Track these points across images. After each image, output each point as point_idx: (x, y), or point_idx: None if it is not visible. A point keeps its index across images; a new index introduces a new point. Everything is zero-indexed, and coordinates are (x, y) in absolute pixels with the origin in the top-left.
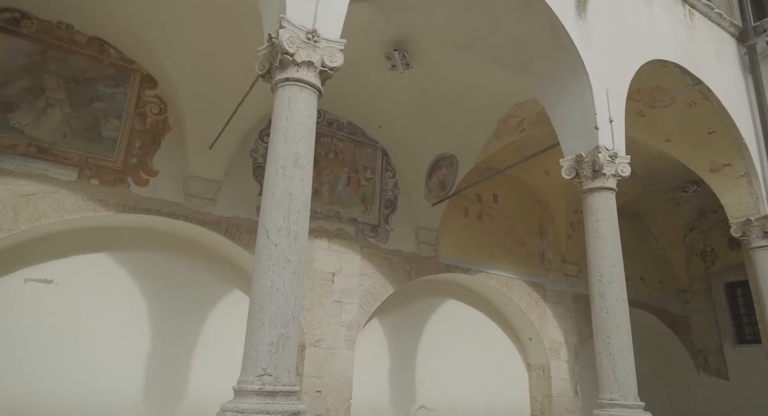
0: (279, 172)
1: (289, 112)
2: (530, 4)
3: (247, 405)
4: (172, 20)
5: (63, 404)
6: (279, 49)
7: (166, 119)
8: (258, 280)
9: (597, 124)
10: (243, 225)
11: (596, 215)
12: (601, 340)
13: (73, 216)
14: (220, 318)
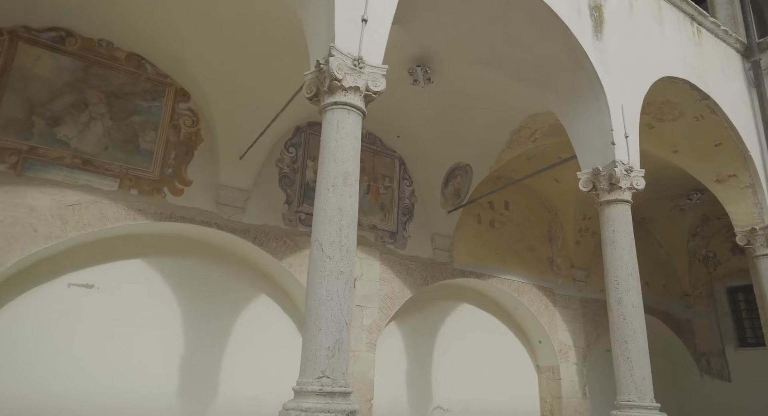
0: (330, 189)
1: (338, 134)
2: (550, 24)
3: (310, 405)
4: (205, 36)
5: (103, 403)
6: (327, 74)
7: (198, 131)
8: (314, 290)
9: (614, 139)
10: (270, 233)
11: (612, 226)
12: (618, 345)
13: (114, 224)
14: (248, 322)
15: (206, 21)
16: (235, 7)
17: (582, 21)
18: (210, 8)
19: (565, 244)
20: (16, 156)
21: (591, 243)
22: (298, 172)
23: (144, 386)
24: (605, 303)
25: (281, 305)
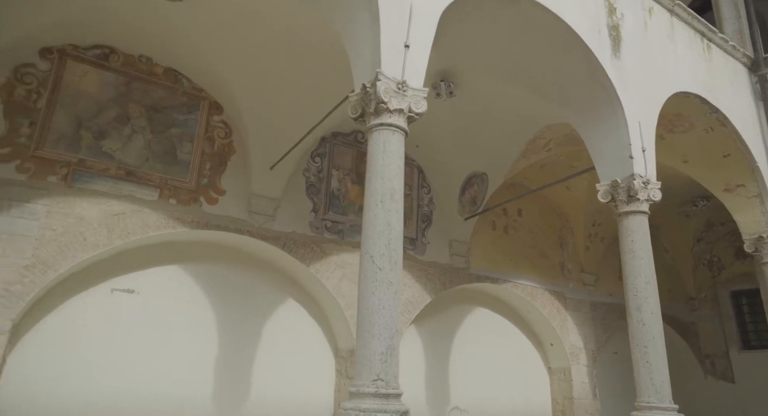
0: (378, 205)
1: (384, 153)
2: (571, 44)
3: (367, 405)
4: (239, 53)
5: (143, 402)
6: (374, 97)
7: (231, 142)
8: (365, 299)
9: (632, 153)
10: (299, 240)
11: (631, 236)
12: (638, 350)
13: (155, 232)
14: (276, 325)
15: (240, 39)
16: (269, 27)
17: (601, 40)
18: (244, 27)
19: (575, 250)
20: (66, 168)
21: (600, 249)
22: (323, 181)
23: (180, 387)
24: (614, 307)
25: (307, 309)
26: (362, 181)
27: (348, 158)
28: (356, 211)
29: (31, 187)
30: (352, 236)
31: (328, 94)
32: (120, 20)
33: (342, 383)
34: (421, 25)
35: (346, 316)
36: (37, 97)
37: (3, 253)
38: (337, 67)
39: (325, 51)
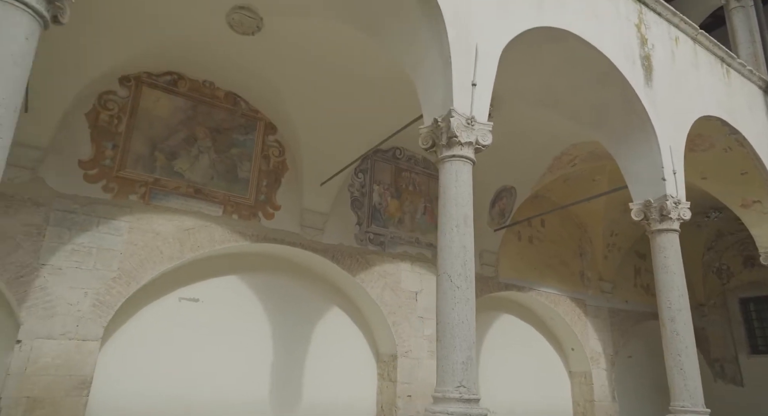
0: (454, 230)
1: (457, 182)
2: (609, 74)
3: (454, 409)
4: (296, 79)
5: (208, 403)
6: (445, 131)
7: (284, 160)
8: (445, 315)
9: (664, 175)
10: (345, 251)
11: (664, 253)
12: (672, 358)
13: (221, 246)
14: (323, 331)
15: (298, 67)
16: (327, 59)
17: (635, 71)
18: (303, 58)
19: (594, 259)
20: (144, 187)
21: (617, 258)
22: (366, 195)
23: (240, 389)
24: (630, 314)
25: (350, 316)
26: (400, 195)
27: (387, 173)
28: (396, 224)
29: (115, 205)
30: (392, 247)
31: (375, 119)
32: (188, 49)
33: (384, 386)
34: (485, 65)
35: (388, 323)
36: (118, 122)
37: (94, 266)
38: (384, 97)
39: (376, 83)
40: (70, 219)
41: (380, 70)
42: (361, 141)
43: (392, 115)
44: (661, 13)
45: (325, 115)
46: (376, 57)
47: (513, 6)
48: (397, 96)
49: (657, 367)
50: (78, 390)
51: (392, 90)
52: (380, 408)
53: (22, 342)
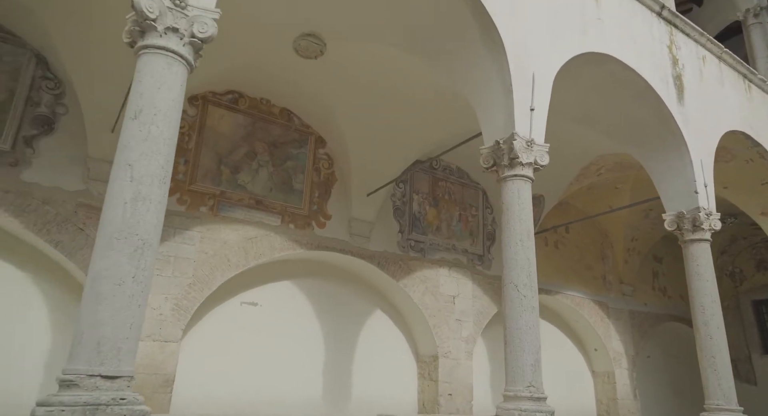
0: (519, 243)
1: (519, 200)
2: (643, 94)
3: (527, 406)
4: (347, 96)
5: (269, 399)
6: (507, 152)
7: (333, 172)
8: (514, 321)
9: (696, 189)
10: (389, 258)
11: (696, 261)
12: (706, 359)
13: (280, 254)
14: (368, 333)
15: (351, 87)
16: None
17: (669, 90)
18: (356, 79)
19: (615, 263)
20: (213, 199)
21: (637, 262)
22: (406, 204)
23: (297, 386)
24: (648, 316)
25: (392, 318)
26: (437, 204)
27: (425, 183)
28: (434, 231)
29: (188, 217)
30: (431, 254)
31: (418, 134)
32: (250, 69)
33: (425, 385)
34: (541, 91)
35: (429, 326)
36: (188, 139)
37: (172, 274)
38: (427, 114)
39: (420, 100)
40: None
41: (426, 89)
42: (405, 154)
43: (435, 130)
44: (690, 34)
45: (373, 130)
46: (424, 77)
47: (562, 35)
48: (440, 112)
49: (674, 367)
50: (163, 387)
51: (435, 107)
52: (422, 405)
53: None
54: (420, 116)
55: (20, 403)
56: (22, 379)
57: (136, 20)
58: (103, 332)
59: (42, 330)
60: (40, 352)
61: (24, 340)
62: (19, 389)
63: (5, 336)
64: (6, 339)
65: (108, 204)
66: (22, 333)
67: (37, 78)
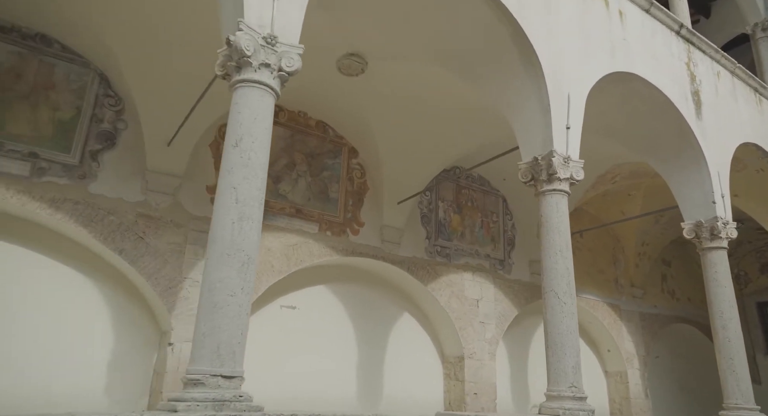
0: (558, 254)
1: (557, 213)
2: (664, 109)
3: (570, 405)
4: (381, 111)
5: (308, 398)
6: (545, 168)
7: (365, 181)
8: (555, 326)
9: (714, 199)
10: (418, 263)
11: (715, 268)
12: (725, 361)
13: (318, 260)
14: (397, 335)
15: (385, 103)
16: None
17: (688, 106)
18: (392, 92)
19: (626, 266)
20: None
21: (647, 266)
22: (433, 211)
23: (333, 386)
24: (658, 317)
25: (418, 321)
26: (461, 211)
27: (450, 191)
28: (458, 237)
29: None
30: (456, 259)
31: (447, 144)
32: (289, 84)
33: (451, 384)
34: (575, 110)
35: (456, 328)
36: None
37: None
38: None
39: (451, 113)
40: (203, 238)
41: (456, 102)
42: (434, 164)
43: (464, 141)
44: (705, 51)
45: (405, 141)
46: (455, 91)
47: (593, 56)
48: (469, 124)
49: (682, 366)
50: None
51: (465, 119)
52: (448, 404)
53: (173, 344)
54: (450, 128)
55: (87, 400)
56: (88, 377)
57: (230, 55)
58: (221, 337)
59: (105, 331)
60: (103, 352)
61: (90, 341)
62: (85, 387)
63: (74, 337)
64: (74, 340)
65: (216, 223)
66: (88, 335)
67: (100, 96)
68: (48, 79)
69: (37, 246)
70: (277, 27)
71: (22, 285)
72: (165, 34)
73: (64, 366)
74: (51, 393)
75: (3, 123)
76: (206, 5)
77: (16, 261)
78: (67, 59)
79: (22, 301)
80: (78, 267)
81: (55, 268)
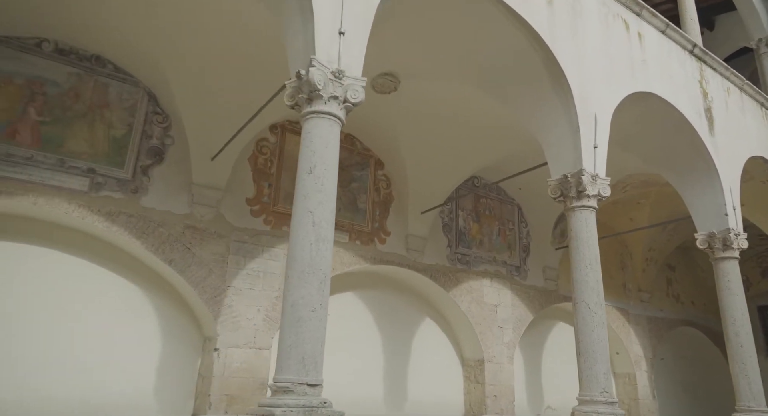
0: (588, 267)
1: (587, 227)
2: (679, 125)
3: (603, 410)
4: (409, 124)
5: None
6: (576, 186)
7: (391, 192)
8: (586, 335)
9: (726, 211)
10: (440, 270)
11: (727, 277)
12: (738, 365)
13: (349, 268)
14: (419, 339)
15: (414, 116)
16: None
17: (701, 121)
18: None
19: (634, 271)
20: None
21: (654, 271)
22: (453, 220)
23: (361, 388)
24: (664, 321)
25: (439, 326)
26: (479, 219)
27: (469, 201)
28: (477, 245)
29: (273, 236)
30: (476, 266)
31: (470, 157)
32: None
33: (471, 387)
34: (602, 129)
35: (476, 332)
36: (270, 164)
37: (262, 288)
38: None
39: (477, 128)
40: (244, 249)
41: (482, 116)
42: (457, 175)
43: (487, 153)
44: (716, 69)
45: (430, 154)
46: (482, 106)
47: (616, 77)
48: (493, 137)
49: (686, 368)
50: (260, 389)
51: (489, 132)
52: (468, 406)
53: (219, 350)
54: (473, 141)
55: (138, 401)
56: (139, 380)
57: (299, 88)
58: (306, 349)
59: (153, 337)
60: (152, 356)
61: (140, 346)
62: (136, 389)
63: (125, 343)
64: (125, 346)
65: (295, 244)
66: (138, 340)
67: (149, 113)
68: (103, 98)
69: (93, 257)
70: (344, 62)
71: (82, 295)
72: (214, 56)
73: (117, 370)
74: (105, 395)
75: (64, 141)
76: (253, 30)
77: (76, 272)
78: (120, 79)
79: (81, 309)
80: (128, 276)
81: (108, 277)
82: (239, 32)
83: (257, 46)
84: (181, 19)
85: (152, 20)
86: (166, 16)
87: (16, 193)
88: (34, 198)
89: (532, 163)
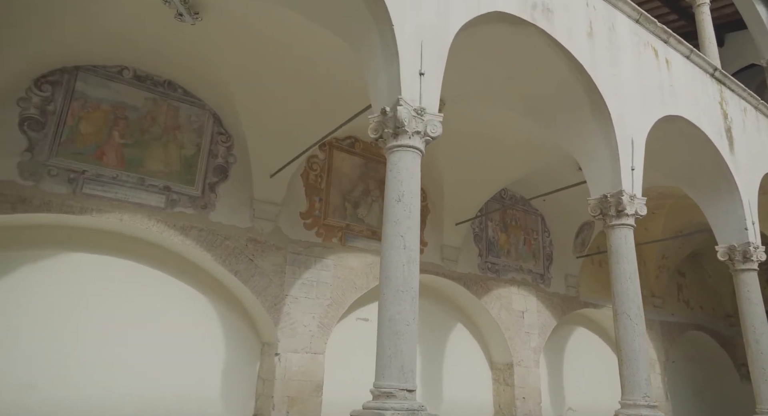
0: (628, 280)
1: (626, 243)
2: (703, 144)
3: (645, 413)
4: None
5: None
6: (615, 205)
7: (426, 205)
8: (628, 344)
9: (746, 225)
10: (472, 278)
11: (747, 288)
12: (758, 371)
13: None
14: (452, 344)
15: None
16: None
17: (722, 141)
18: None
19: (648, 278)
20: (341, 232)
21: (666, 277)
22: (483, 231)
23: None
24: (675, 325)
25: (470, 331)
26: (507, 229)
27: (497, 212)
28: (505, 254)
29: (324, 247)
30: (504, 274)
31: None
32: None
33: (501, 389)
34: (638, 153)
35: (505, 337)
36: (320, 180)
37: (316, 297)
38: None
39: (511, 146)
40: (299, 260)
41: (516, 134)
42: (488, 188)
43: (519, 168)
44: (734, 90)
45: (465, 170)
46: (517, 126)
47: (649, 102)
48: (525, 153)
49: (695, 371)
50: (316, 392)
51: (522, 149)
52: (498, 407)
53: (280, 355)
54: (507, 156)
55: (203, 402)
56: (204, 382)
57: (383, 123)
58: (404, 359)
59: (216, 342)
60: (216, 360)
61: (205, 351)
62: (201, 390)
63: (193, 350)
64: (193, 353)
65: (389, 265)
66: (203, 345)
67: (215, 133)
68: (175, 120)
69: (167, 269)
70: (424, 100)
71: (157, 304)
72: (276, 80)
73: (183, 373)
74: (172, 395)
75: (143, 161)
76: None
77: (153, 282)
78: (189, 102)
79: (154, 317)
80: (196, 286)
81: (178, 287)
82: (302, 61)
83: (317, 72)
84: (248, 52)
85: (218, 51)
86: (232, 49)
87: (105, 210)
88: (120, 214)
89: (558, 175)
